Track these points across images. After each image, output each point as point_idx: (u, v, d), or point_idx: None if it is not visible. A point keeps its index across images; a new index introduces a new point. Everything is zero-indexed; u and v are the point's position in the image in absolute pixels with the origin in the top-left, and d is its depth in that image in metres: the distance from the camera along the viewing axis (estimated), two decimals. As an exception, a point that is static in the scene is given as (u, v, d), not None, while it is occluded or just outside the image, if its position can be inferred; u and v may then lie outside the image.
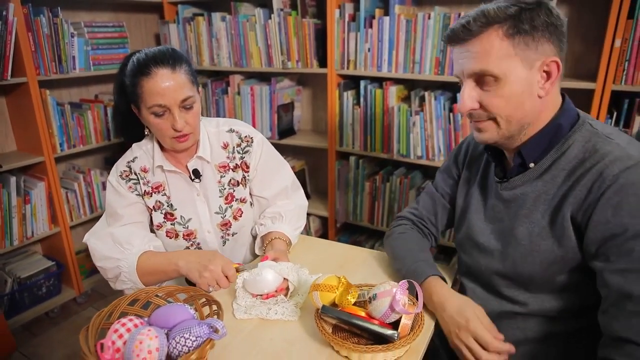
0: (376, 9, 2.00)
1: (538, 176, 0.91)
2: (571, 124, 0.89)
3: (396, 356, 0.87)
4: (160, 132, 1.12)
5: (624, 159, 0.79)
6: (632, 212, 0.76)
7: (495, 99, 0.86)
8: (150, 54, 1.09)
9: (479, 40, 0.83)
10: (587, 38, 1.79)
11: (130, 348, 0.80)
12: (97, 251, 1.16)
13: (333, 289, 0.90)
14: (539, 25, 0.81)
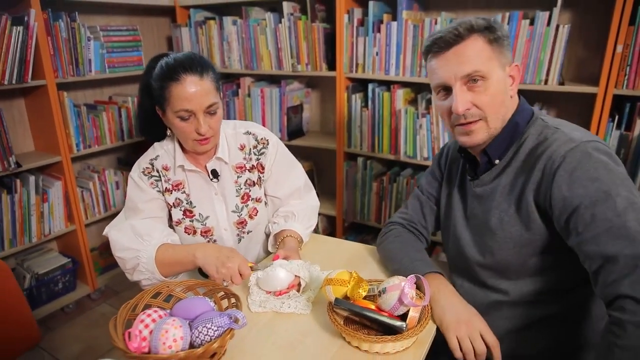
0: (384, 14, 2.06)
1: (502, 170, 1.00)
2: (526, 120, 1.00)
3: (404, 347, 0.93)
4: (184, 134, 1.18)
5: (568, 142, 0.89)
6: (582, 184, 0.84)
7: (485, 97, 0.95)
8: (179, 60, 1.14)
9: (468, 43, 0.93)
10: (590, 43, 1.84)
11: (157, 336, 0.86)
12: (117, 242, 1.21)
13: (345, 283, 0.96)
14: (502, 36, 0.95)
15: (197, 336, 0.88)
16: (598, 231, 0.81)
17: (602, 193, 0.82)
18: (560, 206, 0.87)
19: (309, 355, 0.93)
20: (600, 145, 0.89)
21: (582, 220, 0.83)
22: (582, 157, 0.86)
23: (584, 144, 0.88)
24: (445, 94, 1.00)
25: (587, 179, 0.84)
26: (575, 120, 1.94)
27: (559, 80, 1.75)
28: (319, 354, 0.93)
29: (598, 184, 0.83)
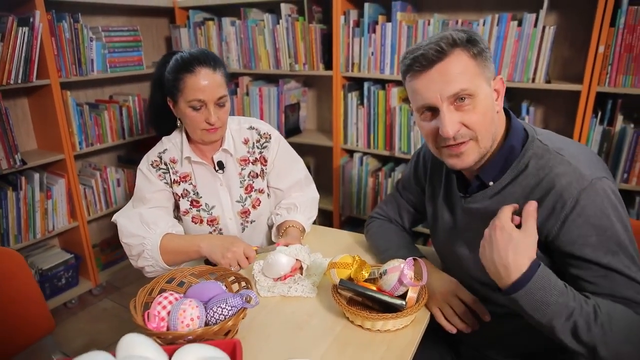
0: (379, 16, 2.13)
1: (498, 192, 0.95)
2: (522, 143, 0.94)
3: (403, 324, 1.00)
4: (194, 124, 1.25)
5: (579, 179, 0.84)
6: (596, 232, 0.83)
7: (474, 116, 0.89)
8: (194, 54, 1.23)
9: (452, 59, 0.86)
10: (575, 44, 1.93)
11: (175, 316, 0.92)
12: (125, 228, 1.27)
13: (348, 266, 1.03)
14: (484, 48, 0.89)
15: (212, 315, 0.95)
16: (613, 280, 0.82)
17: (614, 245, 0.83)
18: (568, 247, 0.86)
19: (315, 334, 1.00)
20: (608, 183, 0.85)
21: (591, 268, 0.84)
22: (596, 202, 0.83)
23: (594, 183, 0.83)
24: (431, 114, 0.93)
25: (600, 228, 0.83)
26: (561, 116, 2.05)
27: (545, 78, 1.83)
28: (324, 333, 1.00)
29: (610, 233, 0.83)
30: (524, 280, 0.80)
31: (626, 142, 1.72)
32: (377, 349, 0.95)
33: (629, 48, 1.64)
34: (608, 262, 0.82)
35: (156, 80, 1.30)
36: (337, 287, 1.03)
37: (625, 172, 1.76)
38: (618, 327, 0.78)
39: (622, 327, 0.78)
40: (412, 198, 1.28)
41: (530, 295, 0.79)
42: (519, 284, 0.80)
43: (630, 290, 0.82)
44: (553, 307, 0.79)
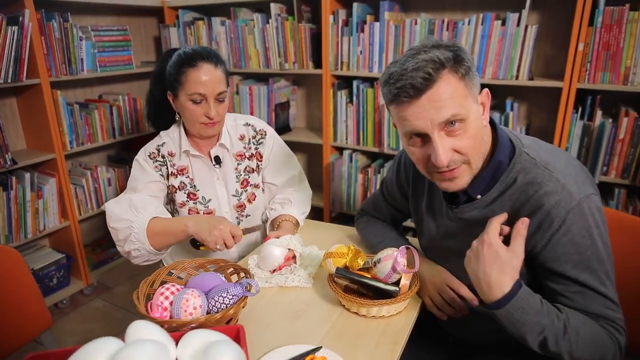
0: (367, 15, 2.18)
1: (486, 205, 0.95)
2: (509, 157, 0.93)
3: (397, 310, 1.05)
4: (194, 117, 1.29)
5: (567, 199, 0.85)
6: (577, 249, 0.87)
7: (466, 140, 0.86)
8: (197, 50, 1.28)
9: (441, 84, 0.82)
10: (556, 42, 2.00)
11: (178, 305, 0.95)
12: (113, 213, 1.27)
13: (344, 256, 1.07)
14: (471, 65, 0.86)
15: (213, 305, 0.98)
16: (586, 293, 0.88)
17: (594, 262, 0.87)
18: (550, 263, 0.89)
19: (313, 322, 1.04)
20: (594, 200, 0.88)
21: (568, 284, 0.88)
22: (580, 222, 0.85)
23: (581, 202, 0.85)
24: (420, 140, 0.89)
25: (582, 246, 0.86)
26: (544, 112, 2.13)
27: (528, 75, 1.90)
28: (322, 321, 1.04)
29: (590, 252, 0.86)
30: (504, 300, 0.83)
31: (605, 136, 1.79)
32: (373, 334, 0.99)
33: (606, 46, 1.71)
34: (584, 280, 0.87)
35: (156, 75, 1.34)
36: (334, 276, 1.07)
37: (604, 165, 1.84)
38: (584, 342, 0.84)
39: (587, 343, 0.85)
40: (395, 202, 1.30)
41: (508, 314, 0.83)
42: (499, 303, 0.83)
43: (601, 305, 0.88)
44: (528, 325, 0.83)
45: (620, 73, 1.73)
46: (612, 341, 0.87)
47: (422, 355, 1.20)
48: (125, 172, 2.66)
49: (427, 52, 0.84)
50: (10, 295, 1.28)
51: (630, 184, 1.82)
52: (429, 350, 1.23)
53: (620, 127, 1.77)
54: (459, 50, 0.85)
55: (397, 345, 0.96)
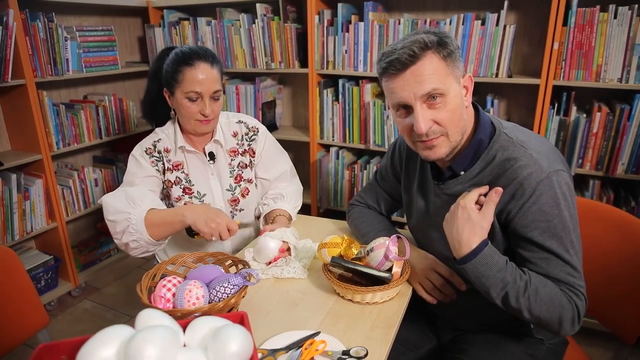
0: (352, 15, 2.24)
1: (469, 180, 1.05)
2: (490, 136, 1.03)
3: (390, 296, 1.10)
4: (189, 114, 1.32)
5: (538, 172, 0.94)
6: (546, 218, 0.95)
7: (445, 113, 0.97)
8: (194, 49, 1.32)
9: (424, 61, 0.94)
10: (533, 41, 2.09)
11: (182, 296, 0.99)
12: (110, 205, 1.28)
13: (338, 245, 1.12)
14: (454, 49, 0.97)
15: (215, 295, 1.02)
16: (550, 262, 0.96)
17: (560, 230, 0.95)
18: (521, 230, 0.97)
19: (310, 309, 1.09)
20: (563, 175, 0.96)
21: (535, 250, 0.97)
22: (549, 193, 0.94)
23: (550, 175, 0.94)
24: (405, 112, 1.00)
25: (550, 215, 0.94)
26: (522, 108, 2.22)
27: (507, 73, 1.98)
28: (318, 308, 1.09)
29: (557, 221, 0.95)
30: (471, 256, 0.96)
31: (579, 130, 1.88)
32: (367, 319, 1.05)
33: (579, 45, 1.80)
34: (550, 246, 0.95)
35: (153, 73, 1.37)
36: (328, 265, 1.12)
37: (579, 158, 1.93)
38: (542, 301, 0.94)
39: (545, 302, 0.94)
40: (389, 187, 1.37)
41: (474, 268, 0.96)
42: (467, 258, 0.96)
43: (563, 272, 0.96)
44: (491, 280, 0.95)
45: (593, 70, 1.82)
46: (571, 304, 0.95)
47: (413, 338, 1.26)
48: (112, 172, 2.66)
49: (415, 35, 0.97)
50: (6, 294, 1.29)
51: (604, 175, 1.91)
52: (420, 333, 1.29)
53: (593, 122, 1.86)
54: (444, 36, 0.97)
55: (391, 328, 1.02)
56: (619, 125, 1.82)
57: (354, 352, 0.92)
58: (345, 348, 0.94)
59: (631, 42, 1.73)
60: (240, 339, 0.73)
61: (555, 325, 0.96)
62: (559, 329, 0.96)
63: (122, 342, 0.72)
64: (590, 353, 1.33)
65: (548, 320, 0.95)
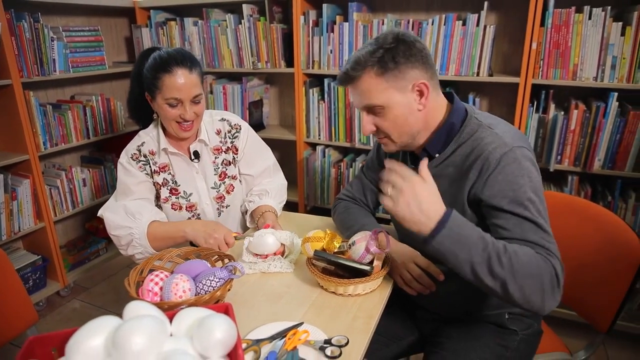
0: (337, 16, 2.28)
1: (442, 162, 1.12)
2: (462, 120, 1.11)
3: (372, 288, 1.14)
4: (170, 117, 1.35)
5: (502, 146, 1.01)
6: (512, 188, 0.99)
7: (385, 123, 1.07)
8: (172, 54, 1.31)
9: (361, 80, 1.05)
10: (513, 41, 2.15)
11: (169, 289, 1.02)
12: (112, 221, 1.35)
13: (321, 239, 1.16)
14: (400, 59, 1.02)
15: (201, 288, 1.05)
16: (523, 227, 0.98)
17: (525, 200, 0.98)
18: (490, 200, 1.02)
19: (295, 302, 1.12)
20: (526, 152, 1.02)
21: (507, 217, 1.00)
22: (513, 164, 0.99)
23: (514, 149, 1.00)
24: (365, 112, 1.12)
25: (515, 184, 0.99)
26: (503, 106, 2.28)
27: (488, 72, 2.04)
28: (302, 300, 1.12)
29: (523, 190, 0.99)
30: (443, 222, 0.91)
31: (558, 127, 1.94)
32: (350, 310, 1.08)
33: (556, 45, 1.86)
34: (520, 212, 0.98)
35: (135, 75, 1.38)
36: (312, 259, 1.16)
37: (558, 155, 1.99)
38: (522, 261, 0.91)
39: (525, 262, 0.92)
40: (375, 177, 1.42)
41: (451, 233, 0.91)
42: (440, 225, 0.91)
43: (537, 235, 0.98)
44: (471, 240, 0.91)
45: (570, 69, 1.88)
46: (547, 264, 0.94)
47: (395, 330, 1.31)
48: (100, 172, 2.67)
49: (364, 49, 1.05)
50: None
51: (582, 171, 1.98)
52: (402, 325, 1.33)
53: (571, 119, 1.92)
54: (387, 52, 1.02)
55: (372, 318, 1.05)
56: (595, 122, 1.88)
57: (335, 341, 0.96)
58: (327, 337, 0.97)
59: (605, 42, 1.79)
60: (224, 327, 0.76)
61: (538, 294, 0.92)
62: (542, 299, 0.93)
63: (110, 332, 0.74)
64: (565, 343, 1.38)
65: (531, 286, 0.91)
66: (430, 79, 1.07)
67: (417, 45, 1.04)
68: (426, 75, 1.06)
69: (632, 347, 2.03)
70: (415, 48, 1.04)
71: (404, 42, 1.03)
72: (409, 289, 1.19)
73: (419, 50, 1.04)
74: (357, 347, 0.96)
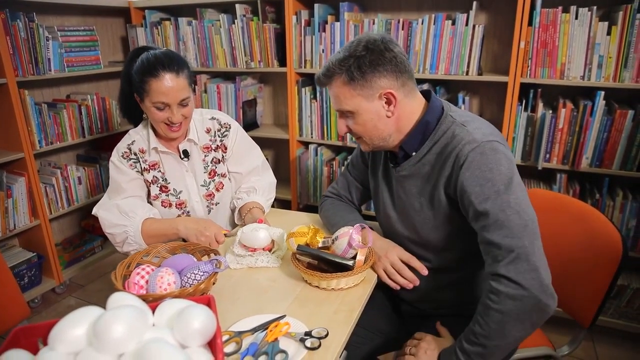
0: (328, 15, 2.30)
1: (419, 160, 1.14)
2: (437, 118, 1.13)
3: (354, 282, 1.16)
4: (158, 119, 1.36)
5: (471, 142, 1.03)
6: (479, 182, 1.00)
7: (356, 126, 1.13)
8: (159, 57, 1.31)
9: (332, 85, 1.11)
10: (502, 40, 2.17)
11: (154, 282, 1.04)
12: (106, 220, 1.38)
13: (305, 235, 1.18)
14: (366, 70, 1.05)
15: (186, 281, 1.07)
16: (488, 222, 0.99)
17: (493, 192, 0.99)
18: (462, 198, 1.04)
19: (279, 295, 1.15)
20: (496, 145, 1.02)
21: (476, 213, 1.01)
22: (481, 159, 1.01)
23: (483, 144, 1.02)
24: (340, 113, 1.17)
25: (482, 179, 1.00)
26: (493, 105, 2.30)
27: (477, 71, 2.06)
28: (287, 294, 1.15)
29: (490, 184, 0.99)
30: None
31: (546, 126, 1.96)
32: (332, 303, 1.11)
33: (544, 44, 1.88)
34: (484, 208, 0.99)
35: (125, 75, 1.40)
36: (296, 254, 1.18)
37: (547, 153, 2.01)
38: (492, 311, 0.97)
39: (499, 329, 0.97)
40: (359, 174, 1.44)
41: None
42: None
43: (499, 235, 0.97)
44: None
45: (557, 68, 1.90)
46: (517, 303, 0.94)
47: (380, 323, 1.33)
48: (95, 170, 2.69)
49: (337, 55, 1.09)
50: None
51: (570, 169, 2.00)
52: (387, 318, 1.35)
53: (559, 118, 1.94)
54: (355, 63, 1.06)
55: (354, 312, 1.08)
56: (582, 121, 1.90)
57: (315, 333, 0.98)
58: (308, 329, 1.00)
59: (592, 42, 1.82)
60: (202, 317, 0.79)
61: (532, 323, 0.97)
62: (540, 317, 0.96)
63: (92, 322, 0.77)
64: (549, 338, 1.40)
65: (522, 328, 0.97)
66: (402, 86, 1.09)
67: (387, 55, 1.06)
68: (396, 84, 1.08)
69: (621, 344, 2.05)
70: (384, 58, 1.05)
71: (372, 52, 1.05)
72: (392, 283, 1.21)
73: (389, 60, 1.06)
74: (337, 339, 0.98)
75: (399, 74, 1.08)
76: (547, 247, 1.04)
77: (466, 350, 1.00)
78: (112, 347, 0.73)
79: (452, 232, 1.14)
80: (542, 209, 1.42)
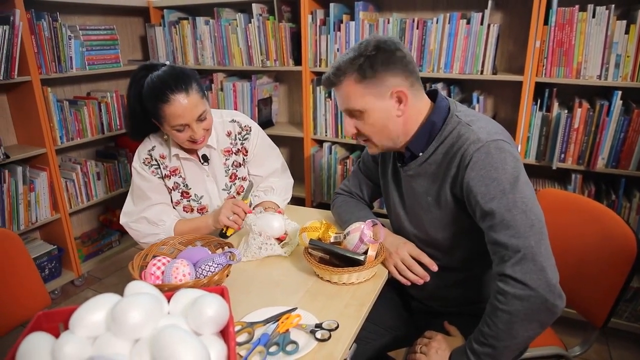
0: (343, 15, 2.32)
1: (426, 160, 1.14)
2: (443, 118, 1.12)
3: (365, 277, 1.18)
4: (181, 140, 1.36)
5: (476, 142, 1.02)
6: (484, 182, 1.00)
7: (365, 126, 1.12)
8: (164, 80, 1.27)
9: (339, 87, 1.10)
10: (518, 40, 2.16)
11: (170, 273, 1.08)
12: (138, 233, 1.45)
13: (317, 229, 1.20)
14: (378, 67, 1.05)
15: (200, 272, 1.10)
16: (494, 222, 0.99)
17: (498, 192, 0.98)
18: (469, 198, 1.04)
19: (290, 288, 1.17)
20: (501, 143, 1.02)
21: (483, 212, 1.01)
22: (486, 158, 1.00)
23: (488, 144, 1.01)
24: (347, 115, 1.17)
25: (488, 178, 1.00)
26: (507, 104, 2.29)
27: (492, 70, 2.05)
28: (298, 287, 1.17)
29: (496, 183, 0.99)
30: None
31: (561, 126, 1.95)
32: (343, 297, 1.12)
33: (560, 43, 1.87)
34: (490, 208, 0.99)
35: (134, 96, 1.34)
36: (308, 248, 1.20)
37: (562, 153, 2.00)
38: (500, 311, 0.98)
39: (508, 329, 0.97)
40: (370, 173, 1.46)
41: None
42: None
43: (506, 235, 0.97)
44: None
45: (573, 68, 1.89)
46: (524, 303, 0.95)
47: (390, 319, 1.34)
48: (114, 166, 2.76)
49: (347, 55, 1.09)
50: (9, 275, 1.38)
51: (585, 169, 1.98)
52: (397, 315, 1.37)
53: (574, 118, 1.93)
54: (366, 61, 1.06)
55: (364, 306, 1.09)
56: (598, 121, 1.88)
57: (326, 325, 1.00)
58: (319, 322, 1.02)
59: (609, 41, 1.80)
60: (216, 305, 0.81)
61: (542, 324, 0.97)
62: (548, 317, 0.97)
63: (111, 308, 0.80)
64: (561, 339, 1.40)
65: (531, 328, 0.97)
66: (411, 86, 1.10)
67: (398, 54, 1.06)
68: (406, 83, 1.08)
69: (636, 347, 2.02)
70: (395, 57, 1.06)
71: (384, 51, 1.06)
72: (402, 279, 1.22)
73: (400, 59, 1.07)
74: (346, 332, 1.00)
75: (409, 74, 1.08)
76: (561, 246, 1.03)
77: (476, 351, 1.01)
78: (129, 332, 0.76)
79: (460, 231, 1.15)
80: (556, 209, 1.43)
